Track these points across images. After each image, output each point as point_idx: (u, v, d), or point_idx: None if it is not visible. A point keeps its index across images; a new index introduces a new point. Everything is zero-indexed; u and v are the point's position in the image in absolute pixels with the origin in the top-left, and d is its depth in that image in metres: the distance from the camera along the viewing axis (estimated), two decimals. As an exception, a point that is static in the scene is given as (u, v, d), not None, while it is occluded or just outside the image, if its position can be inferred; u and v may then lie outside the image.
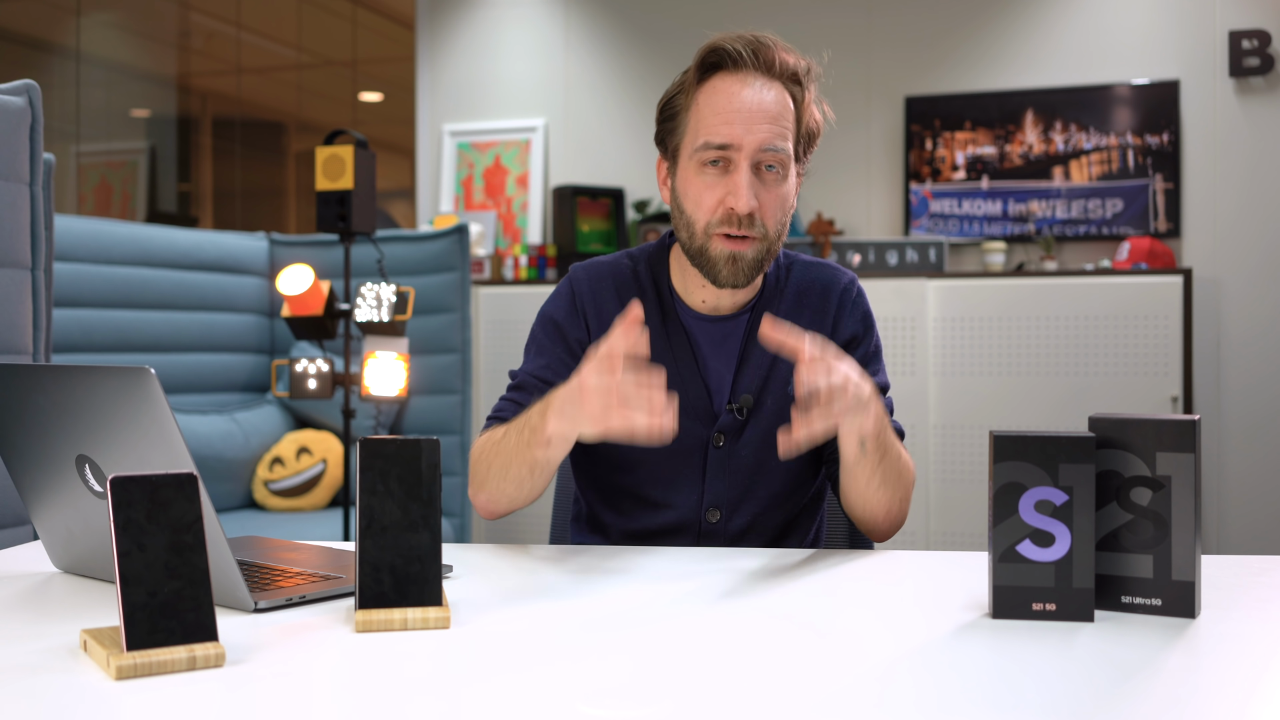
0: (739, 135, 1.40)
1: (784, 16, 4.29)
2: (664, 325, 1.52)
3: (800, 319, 1.52)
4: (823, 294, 1.54)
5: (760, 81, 1.43)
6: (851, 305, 1.55)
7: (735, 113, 1.41)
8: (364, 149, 2.98)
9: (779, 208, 1.44)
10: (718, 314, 1.52)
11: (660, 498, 1.51)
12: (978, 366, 3.75)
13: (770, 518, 1.52)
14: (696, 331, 1.52)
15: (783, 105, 1.44)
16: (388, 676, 0.90)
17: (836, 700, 0.84)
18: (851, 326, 1.54)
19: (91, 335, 3.26)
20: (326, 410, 3.60)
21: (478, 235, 4.42)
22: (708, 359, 1.51)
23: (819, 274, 1.56)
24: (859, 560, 1.34)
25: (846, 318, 1.54)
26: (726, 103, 1.41)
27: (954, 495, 3.75)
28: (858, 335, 1.54)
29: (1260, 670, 0.91)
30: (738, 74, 1.43)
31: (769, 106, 1.42)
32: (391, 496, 1.05)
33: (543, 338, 1.55)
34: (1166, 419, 1.05)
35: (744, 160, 1.41)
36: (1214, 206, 3.96)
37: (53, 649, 0.97)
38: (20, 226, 1.80)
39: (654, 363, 1.50)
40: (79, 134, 6.12)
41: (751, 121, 1.40)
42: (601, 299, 1.53)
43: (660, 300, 1.53)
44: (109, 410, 1.07)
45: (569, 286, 1.56)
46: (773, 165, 1.43)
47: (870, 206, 4.30)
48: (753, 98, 1.41)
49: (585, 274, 1.56)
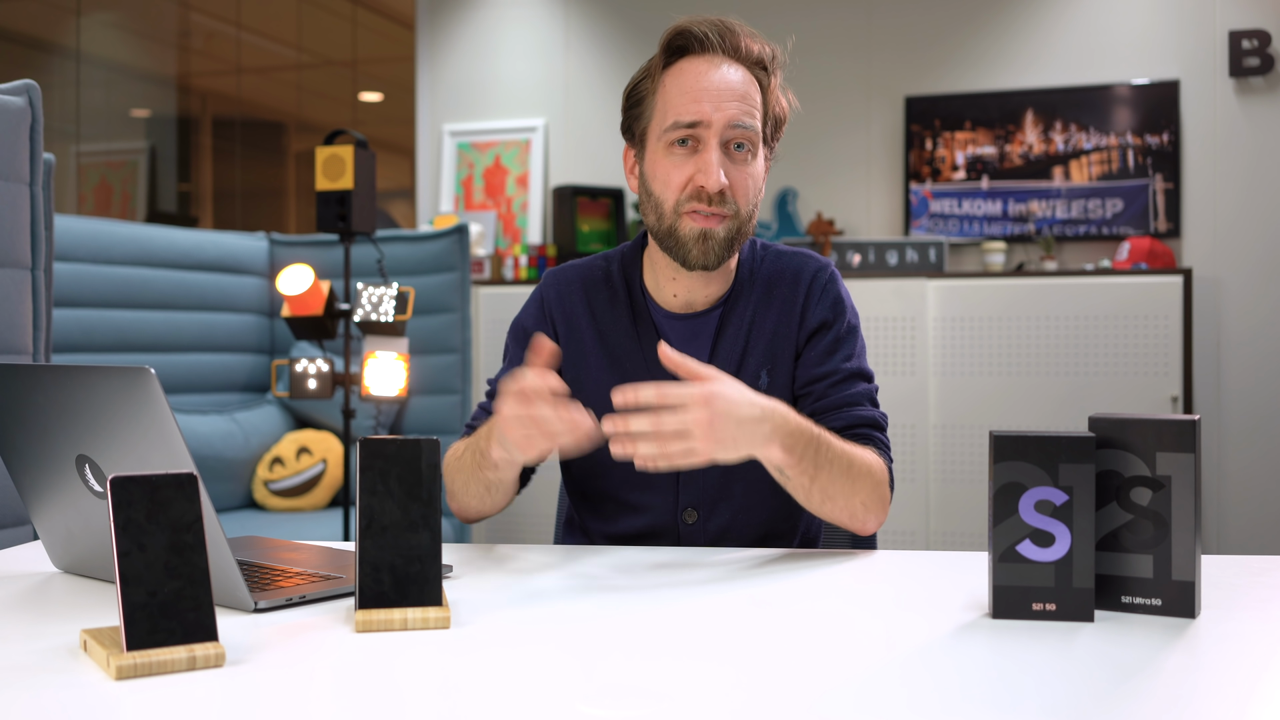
0: (707, 112, 1.40)
1: (784, 16, 4.29)
2: (634, 324, 1.51)
3: (769, 310, 1.50)
4: (792, 282, 1.51)
5: (726, 64, 1.43)
6: (821, 291, 1.51)
7: (703, 91, 1.41)
8: (364, 149, 2.98)
9: (749, 186, 1.44)
10: (690, 310, 1.51)
11: (637, 500, 1.51)
12: (978, 366, 3.75)
13: (750, 517, 1.50)
14: (667, 330, 1.51)
15: (749, 86, 1.44)
16: (388, 676, 0.90)
17: (836, 700, 0.84)
18: (820, 313, 1.50)
19: (91, 335, 3.26)
20: (326, 410, 3.60)
21: (478, 235, 4.42)
22: None
23: (790, 262, 1.53)
24: (859, 560, 1.34)
25: (815, 304, 1.50)
26: (694, 82, 1.42)
27: (954, 495, 3.75)
28: (827, 320, 1.50)
29: (1260, 670, 0.91)
30: (704, 55, 1.43)
31: (736, 85, 1.42)
32: (391, 496, 1.05)
33: (512, 347, 1.58)
34: (1166, 419, 1.05)
35: (713, 138, 1.40)
36: (1214, 206, 3.96)
37: (53, 649, 0.97)
38: (20, 226, 1.80)
39: (624, 361, 1.50)
40: (79, 134, 6.12)
41: (720, 99, 1.40)
42: (569, 304, 1.54)
43: (631, 299, 1.53)
44: (109, 410, 1.07)
45: (539, 294, 1.58)
46: (742, 144, 1.42)
47: (870, 206, 4.30)
48: (720, 77, 1.42)
49: (554, 280, 1.57)
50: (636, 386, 1.22)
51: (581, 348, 1.52)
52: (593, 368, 1.51)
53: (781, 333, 1.50)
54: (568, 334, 1.53)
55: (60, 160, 5.82)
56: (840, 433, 1.42)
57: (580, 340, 1.52)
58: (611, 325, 1.52)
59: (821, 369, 1.48)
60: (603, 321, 1.52)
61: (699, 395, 1.21)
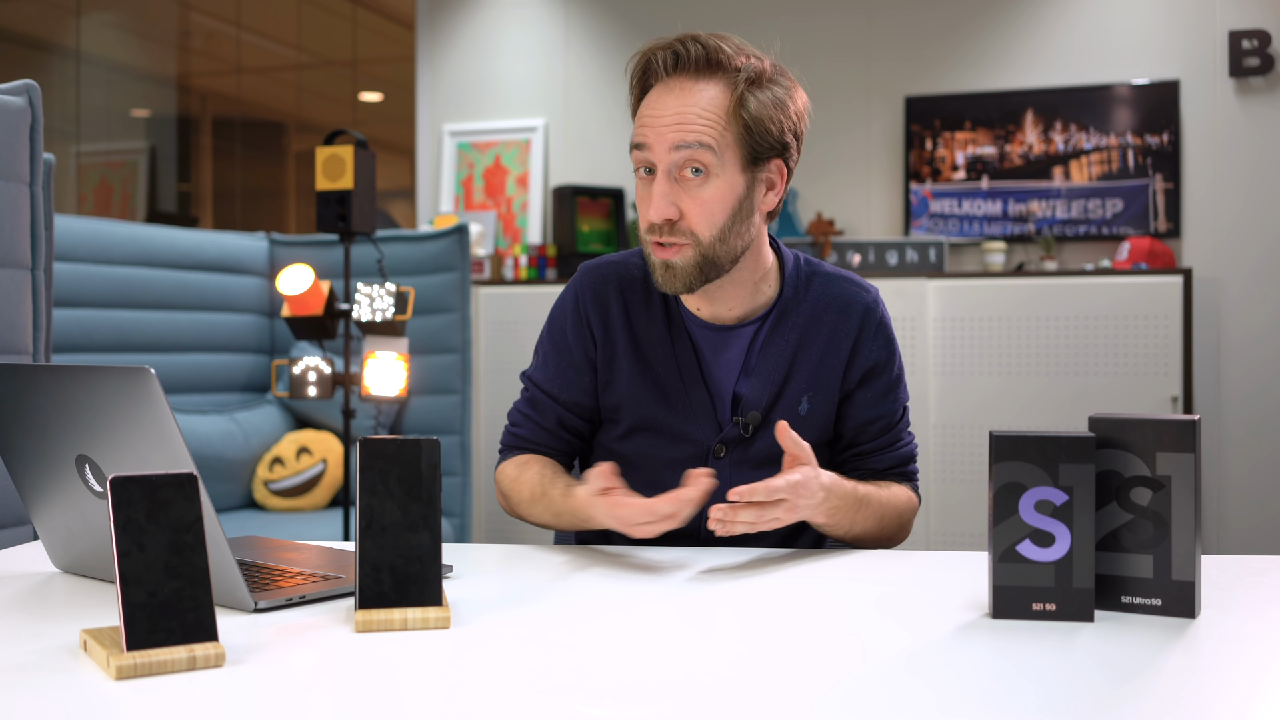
0: (650, 139, 1.39)
1: (784, 16, 4.30)
2: (668, 330, 1.51)
3: (815, 337, 1.50)
4: (842, 312, 1.51)
5: (683, 84, 1.39)
6: (875, 330, 1.51)
7: (651, 117, 1.40)
8: (364, 149, 2.98)
9: (703, 211, 1.38)
10: (717, 322, 1.51)
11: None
12: (978, 366, 3.75)
13: (769, 533, 1.50)
14: (700, 339, 1.51)
15: (704, 105, 1.37)
16: (388, 676, 0.90)
17: (836, 700, 0.84)
18: (874, 354, 1.51)
19: (91, 335, 3.26)
20: (326, 410, 3.60)
21: (478, 235, 4.42)
22: (710, 366, 1.50)
23: (840, 290, 1.52)
24: (859, 560, 1.34)
25: (868, 344, 1.51)
26: (644, 110, 1.41)
27: (954, 495, 3.75)
28: (880, 363, 1.51)
29: (1260, 670, 0.91)
30: (664, 82, 1.41)
31: (686, 109, 1.37)
32: (391, 496, 1.05)
33: (549, 347, 1.57)
34: (1166, 419, 1.05)
35: (661, 165, 1.39)
36: (1214, 206, 3.96)
37: (53, 649, 0.97)
38: (20, 226, 1.80)
39: (656, 366, 1.50)
40: (79, 134, 6.12)
41: (659, 124, 1.38)
42: (604, 305, 1.53)
43: (666, 305, 1.52)
44: (109, 410, 1.07)
45: (574, 291, 1.56)
46: (699, 168, 1.38)
47: (870, 206, 4.30)
48: (669, 102, 1.38)
49: (590, 279, 1.55)
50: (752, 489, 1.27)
51: (614, 349, 1.52)
52: (625, 370, 1.51)
53: (829, 362, 1.50)
54: (604, 335, 1.52)
55: (60, 160, 5.82)
56: (883, 473, 1.54)
57: (614, 342, 1.52)
58: (645, 329, 1.51)
59: (875, 412, 1.52)
60: (636, 324, 1.52)
61: (792, 488, 1.30)
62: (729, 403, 1.50)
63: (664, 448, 1.50)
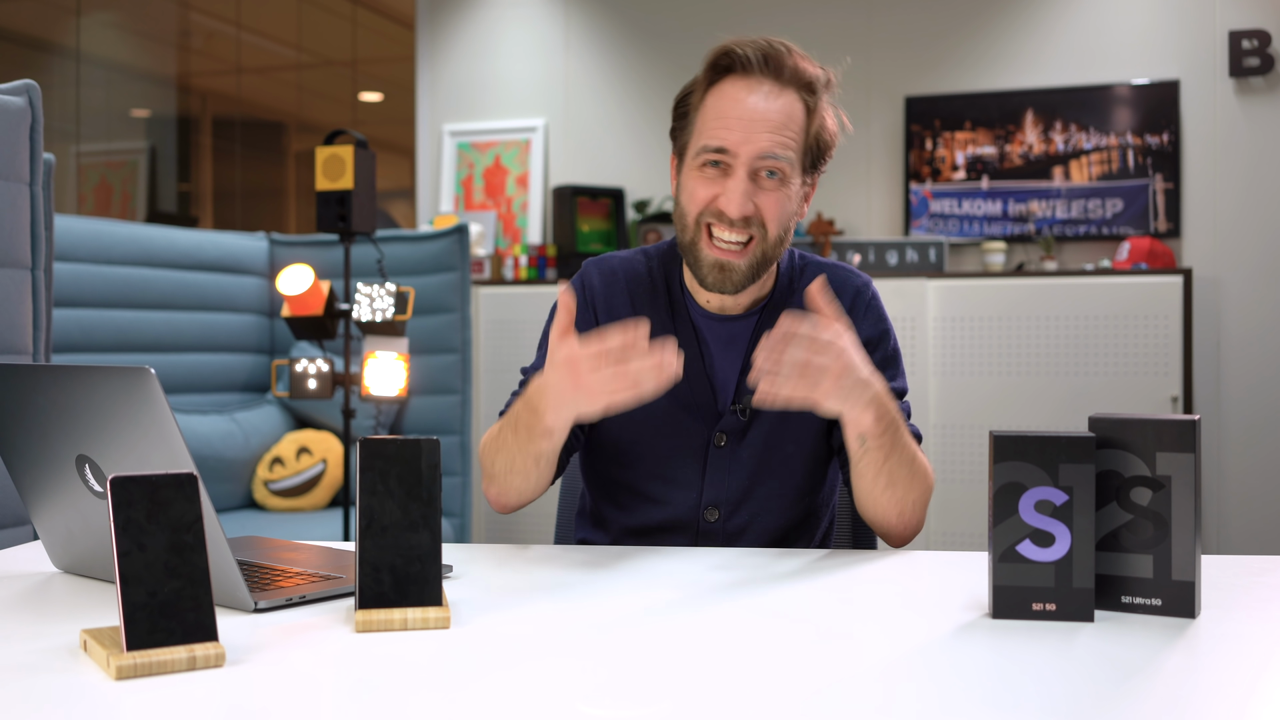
0: (737, 142, 1.40)
1: (784, 16, 4.29)
2: (673, 323, 1.52)
3: None
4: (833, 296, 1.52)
5: (768, 87, 1.42)
6: (865, 308, 1.54)
7: (736, 119, 1.40)
8: (364, 149, 2.98)
9: (779, 209, 1.43)
10: (724, 313, 1.52)
11: (659, 494, 1.51)
12: (978, 366, 3.75)
13: (769, 520, 1.51)
14: (705, 330, 1.52)
15: (788, 114, 1.42)
16: (388, 676, 0.90)
17: (836, 700, 0.84)
18: (866, 331, 1.52)
19: (91, 335, 3.26)
20: (326, 410, 3.60)
21: (478, 235, 4.42)
22: (715, 358, 1.51)
23: (832, 274, 1.55)
24: (859, 560, 1.34)
25: (860, 322, 1.52)
26: (730, 108, 1.41)
27: (954, 495, 3.75)
28: (872, 339, 1.52)
29: (1260, 670, 0.91)
30: (746, 79, 1.42)
31: (772, 115, 1.41)
32: (391, 496, 1.05)
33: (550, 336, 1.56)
34: (1166, 419, 1.05)
35: (741, 167, 1.40)
36: (1214, 206, 3.96)
37: (53, 649, 0.97)
38: (20, 226, 1.80)
39: None
40: (79, 134, 6.12)
41: (751, 129, 1.40)
42: (612, 296, 1.54)
43: (670, 297, 1.53)
44: (109, 410, 1.07)
45: (581, 282, 1.57)
46: (774, 172, 1.42)
47: (870, 206, 4.30)
48: (757, 104, 1.41)
49: (598, 270, 1.56)
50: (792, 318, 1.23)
51: None
52: None
53: None
54: (609, 324, 1.52)
55: (60, 160, 5.82)
56: None
57: None
58: (651, 321, 1.52)
59: None
60: (641, 315, 1.52)
61: (840, 346, 1.24)
62: (730, 392, 1.50)
63: (665, 438, 1.50)
